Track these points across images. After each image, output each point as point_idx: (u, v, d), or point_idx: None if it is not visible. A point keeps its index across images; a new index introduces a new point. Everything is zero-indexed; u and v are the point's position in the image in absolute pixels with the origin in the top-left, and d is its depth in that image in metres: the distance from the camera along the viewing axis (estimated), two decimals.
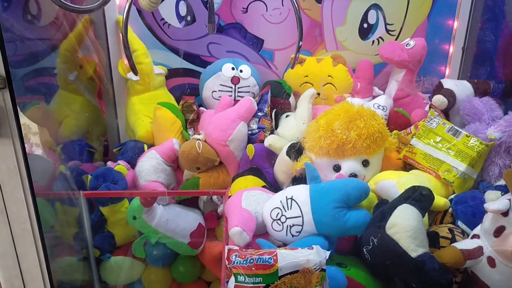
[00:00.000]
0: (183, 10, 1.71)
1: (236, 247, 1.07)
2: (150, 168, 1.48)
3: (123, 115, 1.76)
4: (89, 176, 1.44)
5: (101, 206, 1.45)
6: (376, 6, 1.72)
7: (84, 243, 1.45)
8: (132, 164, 1.55)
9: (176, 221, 1.43)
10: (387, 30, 1.76)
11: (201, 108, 1.70)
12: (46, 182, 1.27)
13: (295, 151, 1.38)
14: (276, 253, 1.03)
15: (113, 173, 1.44)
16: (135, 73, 1.38)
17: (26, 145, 1.19)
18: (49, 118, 1.53)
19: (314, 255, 1.03)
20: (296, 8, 1.13)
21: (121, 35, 1.68)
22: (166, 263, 1.52)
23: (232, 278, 1.04)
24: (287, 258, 1.02)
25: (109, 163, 1.56)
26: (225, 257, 1.05)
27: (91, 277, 1.49)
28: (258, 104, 1.59)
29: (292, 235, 1.19)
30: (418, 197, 1.09)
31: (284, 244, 1.21)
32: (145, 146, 1.59)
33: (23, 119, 1.21)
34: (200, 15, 1.72)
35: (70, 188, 1.39)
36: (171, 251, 1.47)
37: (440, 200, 1.26)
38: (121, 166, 1.48)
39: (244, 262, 1.02)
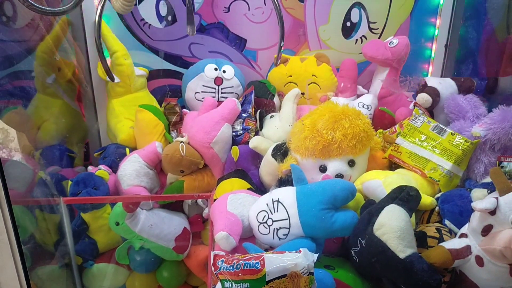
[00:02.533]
0: (163, 10, 1.68)
1: (222, 253, 1.05)
2: (132, 172, 1.45)
3: (103, 118, 1.72)
4: (69, 182, 1.40)
5: (83, 212, 1.42)
6: (358, 5, 1.72)
7: (65, 251, 1.41)
8: (114, 168, 1.52)
9: (160, 226, 1.40)
10: (370, 29, 1.75)
11: (184, 110, 1.67)
12: (25, 189, 1.23)
13: (281, 152, 1.36)
14: (263, 258, 1.01)
15: (94, 178, 1.41)
16: (111, 78, 1.35)
17: (4, 151, 1.15)
18: (27, 122, 1.49)
19: (302, 258, 1.02)
20: (277, 7, 1.10)
21: (100, 36, 1.64)
22: (150, 268, 1.49)
23: (219, 284, 1.01)
24: (274, 263, 1.00)
25: (90, 168, 1.52)
26: (211, 263, 1.03)
27: (73, 285, 1.45)
28: (242, 105, 1.57)
29: (279, 238, 1.17)
30: (405, 197, 1.09)
31: (271, 248, 1.20)
32: (127, 150, 1.55)
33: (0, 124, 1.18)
34: (181, 15, 1.69)
35: (50, 194, 1.35)
36: (156, 257, 1.45)
37: (426, 199, 1.26)
38: (102, 171, 1.45)
39: (231, 267, 1.00)
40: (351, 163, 1.33)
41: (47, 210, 1.35)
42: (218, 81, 1.63)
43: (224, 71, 1.64)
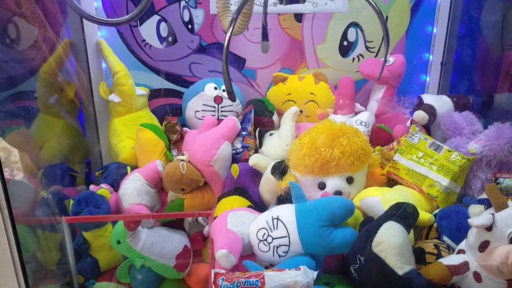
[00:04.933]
0: (164, 31, 1.72)
1: (222, 271, 1.06)
2: (133, 191, 1.46)
3: (105, 137, 1.74)
4: (71, 201, 1.41)
5: (84, 231, 1.42)
6: (355, 24, 1.75)
7: (67, 270, 1.42)
8: (115, 187, 1.53)
9: (161, 244, 1.41)
10: (367, 47, 1.79)
11: (184, 128, 1.69)
12: (27, 208, 1.24)
13: (280, 170, 1.38)
14: (264, 275, 1.03)
15: (96, 197, 1.42)
16: (233, 99, 1.17)
17: (6, 170, 1.17)
18: (30, 142, 1.50)
19: (302, 276, 1.03)
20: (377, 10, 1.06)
21: (102, 57, 1.67)
22: (152, 287, 1.49)
23: None
24: (274, 280, 1.02)
25: (92, 187, 1.53)
26: (212, 281, 1.04)
27: None
28: (241, 123, 1.59)
29: (279, 256, 1.18)
30: (403, 214, 1.10)
31: (271, 265, 1.20)
32: (128, 168, 1.57)
33: (2, 144, 1.20)
34: (181, 36, 1.73)
35: (52, 213, 1.36)
36: (157, 275, 1.45)
37: (424, 216, 1.27)
38: (104, 189, 1.46)
39: (231, 286, 1.01)
40: (350, 180, 1.35)
41: (49, 229, 1.36)
42: (218, 100, 1.66)
43: (223, 90, 1.67)
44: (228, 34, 0.97)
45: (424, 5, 1.74)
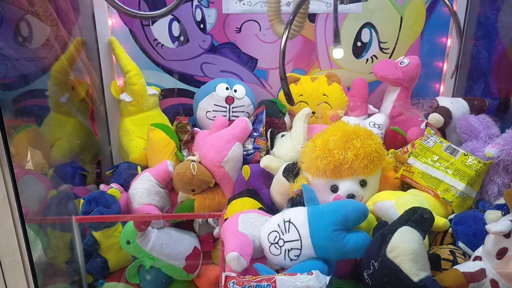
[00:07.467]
0: (176, 31, 1.71)
1: (233, 274, 1.05)
2: (144, 191, 1.46)
3: (116, 136, 1.74)
4: (82, 200, 1.41)
5: (94, 230, 1.42)
6: (369, 25, 1.73)
7: (76, 269, 1.41)
8: (126, 186, 1.52)
9: (171, 245, 1.40)
10: (381, 48, 1.76)
11: (195, 128, 1.68)
12: (37, 207, 1.24)
13: (292, 172, 1.36)
14: (275, 280, 1.01)
15: (106, 196, 1.41)
16: (291, 103, 1.18)
17: (16, 169, 1.17)
18: (41, 141, 1.50)
19: (314, 280, 1.01)
20: None
21: (113, 56, 1.67)
22: None
23: None
24: (286, 285, 1.00)
25: (102, 186, 1.53)
26: (222, 284, 1.03)
27: None
28: (253, 124, 1.58)
29: (291, 259, 1.16)
30: (419, 219, 1.07)
31: (282, 269, 1.19)
32: (139, 168, 1.56)
33: (13, 142, 1.19)
34: (193, 36, 1.72)
35: (62, 212, 1.36)
36: (166, 276, 1.44)
37: (439, 221, 1.24)
38: (114, 189, 1.45)
39: None
40: (363, 183, 1.33)
41: (59, 228, 1.36)
42: (229, 100, 1.65)
43: (235, 90, 1.65)
44: (284, 37, 0.95)
45: (440, 6, 1.72)
